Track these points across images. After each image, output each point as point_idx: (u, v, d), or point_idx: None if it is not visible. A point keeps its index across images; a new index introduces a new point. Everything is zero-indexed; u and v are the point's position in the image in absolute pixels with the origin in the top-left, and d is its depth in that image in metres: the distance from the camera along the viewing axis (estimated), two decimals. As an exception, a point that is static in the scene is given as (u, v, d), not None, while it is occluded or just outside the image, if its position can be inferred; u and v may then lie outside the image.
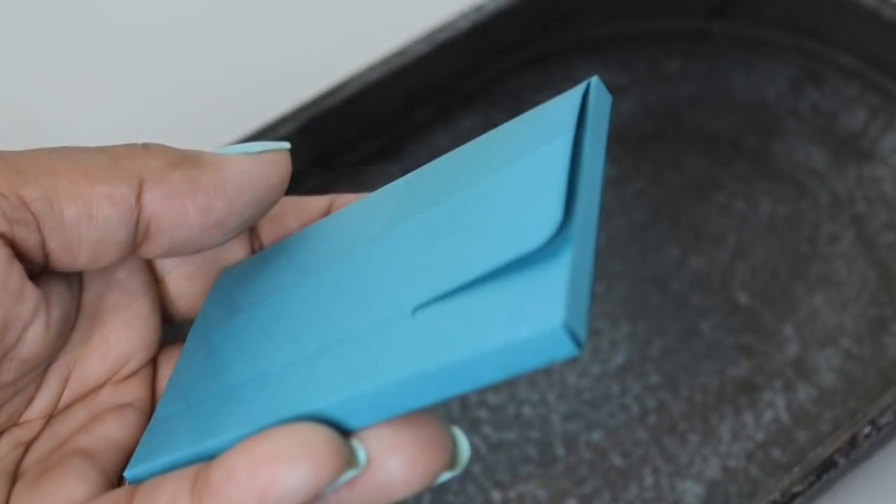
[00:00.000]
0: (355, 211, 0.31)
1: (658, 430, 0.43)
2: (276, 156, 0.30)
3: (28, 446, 0.30)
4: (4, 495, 0.28)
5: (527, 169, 0.27)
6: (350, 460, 0.25)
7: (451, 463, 0.26)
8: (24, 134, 0.52)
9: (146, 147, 0.29)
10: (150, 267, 0.32)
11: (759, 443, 0.43)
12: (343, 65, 0.54)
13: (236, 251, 0.33)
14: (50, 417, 0.30)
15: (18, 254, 0.28)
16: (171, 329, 0.40)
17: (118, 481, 0.29)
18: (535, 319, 0.23)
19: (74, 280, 0.30)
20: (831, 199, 0.48)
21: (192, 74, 0.54)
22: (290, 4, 0.56)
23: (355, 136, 0.47)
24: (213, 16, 0.56)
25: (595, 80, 0.28)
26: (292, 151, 0.45)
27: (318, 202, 0.33)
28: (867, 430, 0.37)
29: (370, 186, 0.48)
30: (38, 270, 0.29)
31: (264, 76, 0.54)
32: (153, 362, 0.32)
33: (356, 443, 0.26)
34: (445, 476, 0.26)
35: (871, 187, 0.48)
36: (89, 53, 0.55)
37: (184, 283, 0.32)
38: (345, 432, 0.26)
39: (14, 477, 0.29)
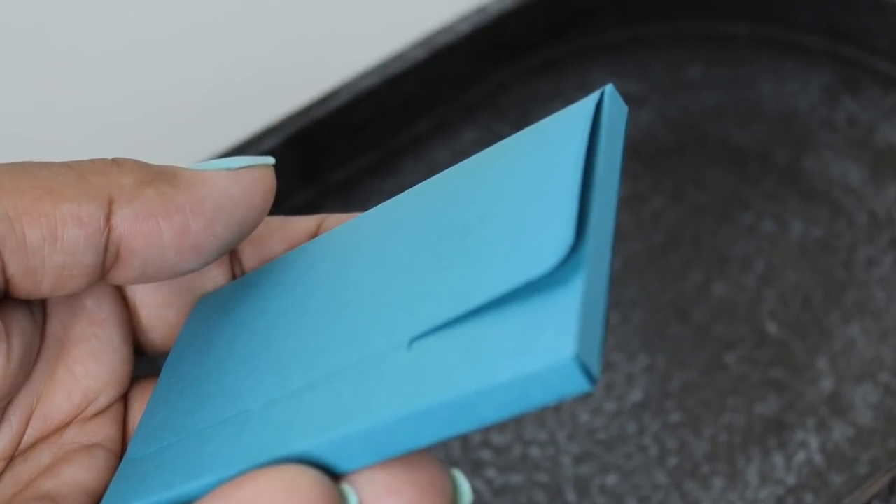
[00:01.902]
0: (346, 232, 0.31)
1: (679, 473, 0.43)
2: (260, 172, 0.30)
3: (-14, 491, 0.30)
4: (-40, 545, 0.28)
5: (534, 186, 0.27)
6: (340, 506, 0.25)
7: (452, 509, 0.26)
8: (-16, 147, 0.53)
9: (116, 162, 0.29)
10: (120, 294, 0.32)
11: (790, 487, 0.43)
12: (333, 71, 0.54)
13: (215, 276, 0.33)
14: (11, 459, 0.30)
15: (-24, 279, 0.28)
16: (144, 362, 0.40)
17: (85, 529, 0.29)
18: (544, 352, 0.23)
19: (38, 308, 0.30)
20: (869, 219, 0.48)
21: (168, 82, 0.54)
22: (275, 5, 0.57)
23: (347, 150, 0.47)
24: (191, 18, 0.56)
25: (609, 88, 0.28)
26: (277, 166, 0.45)
27: (305, 223, 0.33)
28: (909, 473, 0.37)
29: (362, 205, 0.48)
30: (-2, 297, 0.29)
31: (247, 84, 0.54)
32: (124, 398, 0.32)
33: (347, 487, 0.26)
34: (445, 524, 0.26)
35: (913, 206, 0.48)
36: (56, 60, 0.55)
37: (158, 311, 0.32)
38: (335, 475, 0.26)
39: (-29, 525, 0.29)
